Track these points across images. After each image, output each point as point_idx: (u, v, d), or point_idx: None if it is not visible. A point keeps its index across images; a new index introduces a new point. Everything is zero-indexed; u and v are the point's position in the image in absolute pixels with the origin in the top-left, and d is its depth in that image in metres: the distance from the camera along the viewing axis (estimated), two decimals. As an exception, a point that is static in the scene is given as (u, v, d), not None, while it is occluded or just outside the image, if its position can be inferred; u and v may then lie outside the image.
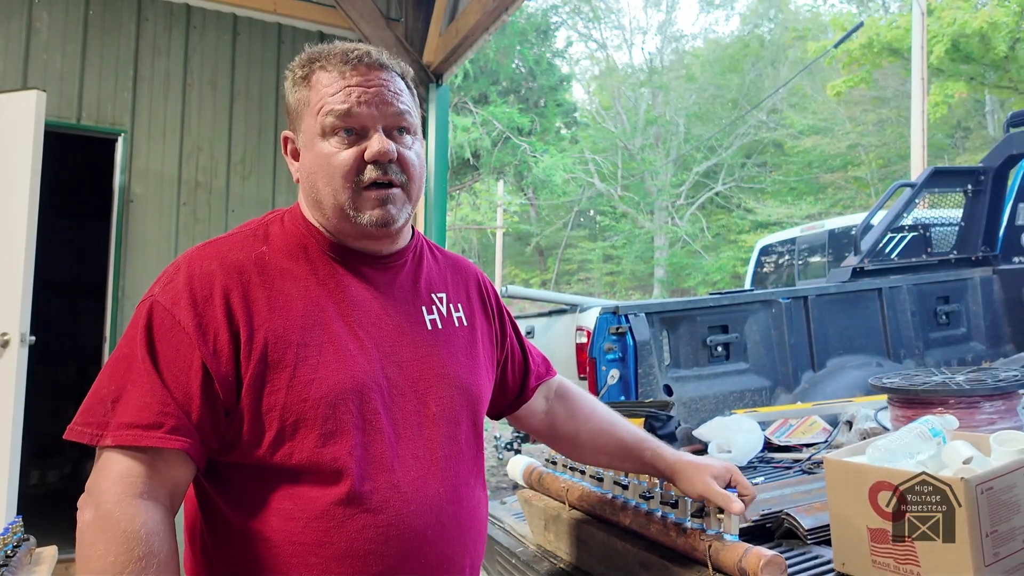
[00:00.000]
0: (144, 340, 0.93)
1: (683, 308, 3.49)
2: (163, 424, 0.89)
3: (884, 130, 20.24)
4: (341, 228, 1.04)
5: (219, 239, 1.04)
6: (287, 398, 0.94)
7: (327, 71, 1.01)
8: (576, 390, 1.38)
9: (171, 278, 0.98)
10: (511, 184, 21.45)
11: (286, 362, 0.95)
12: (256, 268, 0.99)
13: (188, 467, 0.93)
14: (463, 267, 1.26)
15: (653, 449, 1.23)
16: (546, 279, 25.57)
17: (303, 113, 1.04)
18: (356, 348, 1.00)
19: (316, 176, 1.02)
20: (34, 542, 1.70)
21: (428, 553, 0.99)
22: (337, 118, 0.99)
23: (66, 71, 3.71)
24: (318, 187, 1.02)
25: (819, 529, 1.21)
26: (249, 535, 0.95)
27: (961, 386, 1.55)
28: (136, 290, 3.76)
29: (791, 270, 8.32)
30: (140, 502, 0.87)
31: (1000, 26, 13.79)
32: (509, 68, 18.81)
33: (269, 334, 0.95)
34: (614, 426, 1.29)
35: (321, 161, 1.00)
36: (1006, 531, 0.96)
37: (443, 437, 1.05)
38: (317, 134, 1.01)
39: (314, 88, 1.02)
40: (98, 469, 0.90)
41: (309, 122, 1.02)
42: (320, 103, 1.00)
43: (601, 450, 1.29)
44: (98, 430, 0.90)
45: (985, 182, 4.33)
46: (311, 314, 0.99)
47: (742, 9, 29.05)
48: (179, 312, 0.94)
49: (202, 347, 0.92)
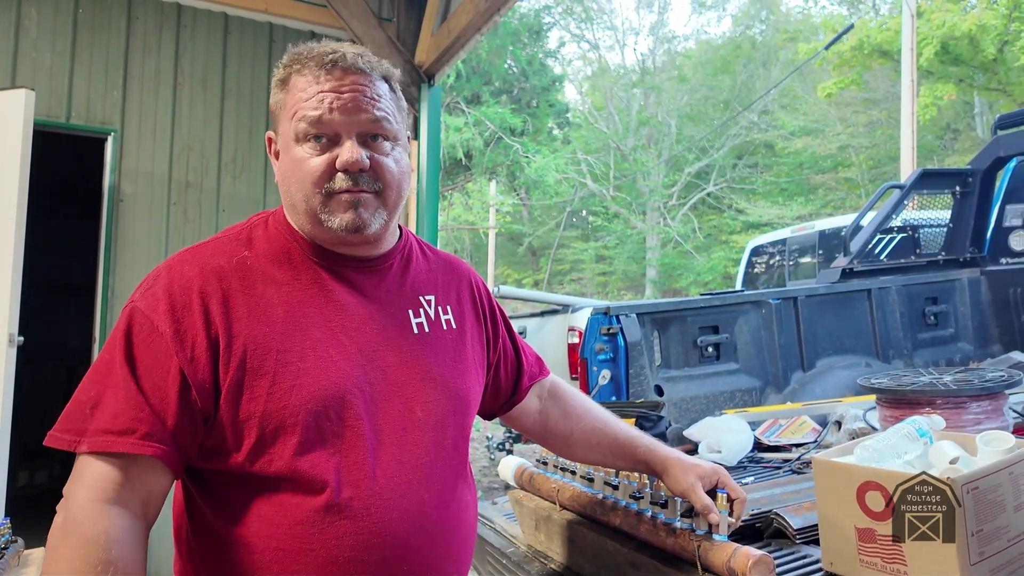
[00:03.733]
0: (123, 346, 0.92)
1: (674, 309, 3.51)
2: (136, 430, 0.89)
3: (874, 131, 20.36)
4: (316, 233, 1.03)
5: (202, 244, 1.04)
6: (267, 405, 0.93)
7: (303, 75, 1.00)
8: (569, 389, 1.38)
9: (151, 284, 0.97)
10: (503, 184, 21.45)
11: (265, 369, 0.94)
12: (237, 273, 0.99)
13: (163, 474, 0.92)
14: (455, 267, 1.24)
15: (647, 446, 1.24)
16: (538, 279, 25.57)
17: (280, 116, 1.04)
18: (338, 353, 0.99)
19: (290, 180, 1.02)
20: (22, 544, 1.69)
21: (411, 560, 0.98)
22: (309, 124, 0.98)
23: (55, 69, 3.68)
24: (292, 191, 1.02)
25: (808, 529, 1.22)
26: (231, 540, 0.95)
27: (948, 386, 1.57)
28: (126, 291, 3.74)
29: (782, 271, 8.36)
30: (106, 507, 0.87)
31: (989, 29, 13.91)
32: (501, 68, 18.79)
33: (248, 341, 0.95)
34: (608, 424, 1.30)
35: (294, 166, 1.00)
36: (991, 530, 0.97)
37: (428, 442, 1.04)
38: (291, 139, 1.01)
39: (290, 92, 1.01)
40: (73, 475, 0.90)
41: (285, 126, 1.02)
42: (294, 108, 1.00)
43: (595, 448, 1.30)
44: (76, 436, 0.89)
45: (973, 184, 4.37)
46: (292, 319, 0.98)
47: (734, 11, 29.19)
48: (157, 318, 0.93)
49: (180, 354, 0.92)
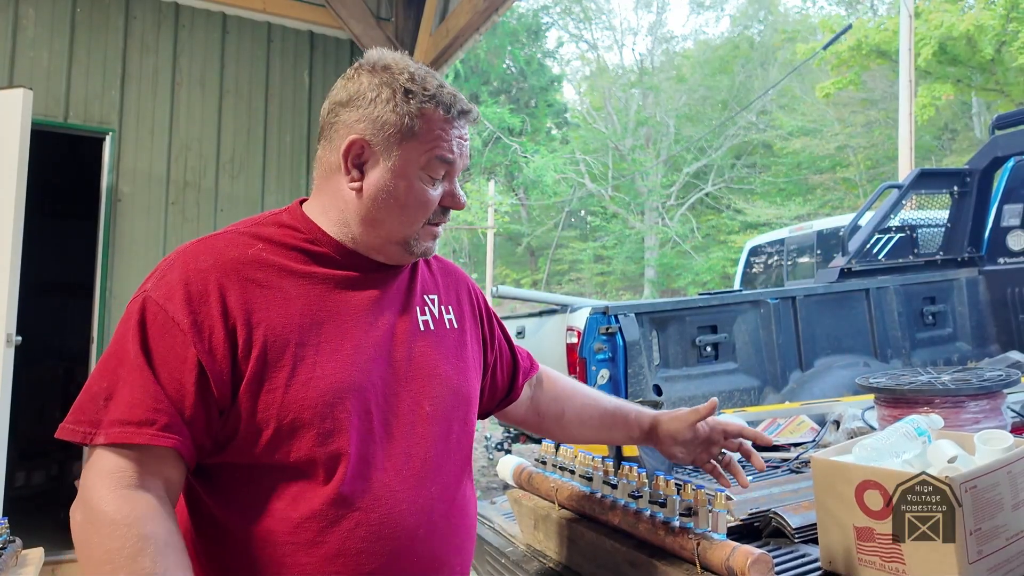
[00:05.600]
0: (137, 336, 0.92)
1: (673, 308, 3.51)
2: (155, 421, 0.88)
3: (872, 132, 20.40)
4: (385, 249, 1.06)
5: (214, 236, 1.03)
6: (284, 397, 0.94)
7: (439, 112, 1.02)
8: (555, 374, 1.43)
9: (164, 274, 0.97)
10: (502, 184, 21.48)
11: (284, 361, 0.95)
12: (253, 266, 0.99)
13: (179, 466, 0.92)
14: (453, 272, 1.27)
15: (637, 410, 1.34)
16: (537, 279, 25.58)
17: (406, 139, 1.01)
18: (351, 348, 1.00)
19: (392, 203, 1.02)
20: (20, 544, 1.68)
21: (420, 552, 0.99)
22: (443, 164, 1.03)
23: (53, 69, 3.68)
24: (393, 213, 1.02)
25: (806, 528, 1.22)
26: (240, 535, 0.95)
27: (947, 386, 1.57)
28: (123, 290, 3.74)
29: (780, 271, 8.37)
30: (129, 492, 0.86)
31: (986, 29, 13.95)
32: (500, 68, 18.82)
33: (268, 333, 0.95)
34: (598, 400, 1.38)
35: (411, 195, 1.02)
36: (989, 529, 0.97)
37: (435, 437, 1.05)
38: (418, 167, 1.02)
39: (427, 122, 1.02)
40: (89, 467, 0.89)
41: (413, 153, 1.01)
42: (433, 143, 1.02)
43: (587, 423, 1.36)
44: (90, 428, 0.88)
45: (971, 184, 4.37)
46: (308, 313, 0.99)
47: (732, 11, 29.25)
48: (173, 308, 0.92)
49: (197, 344, 0.91)
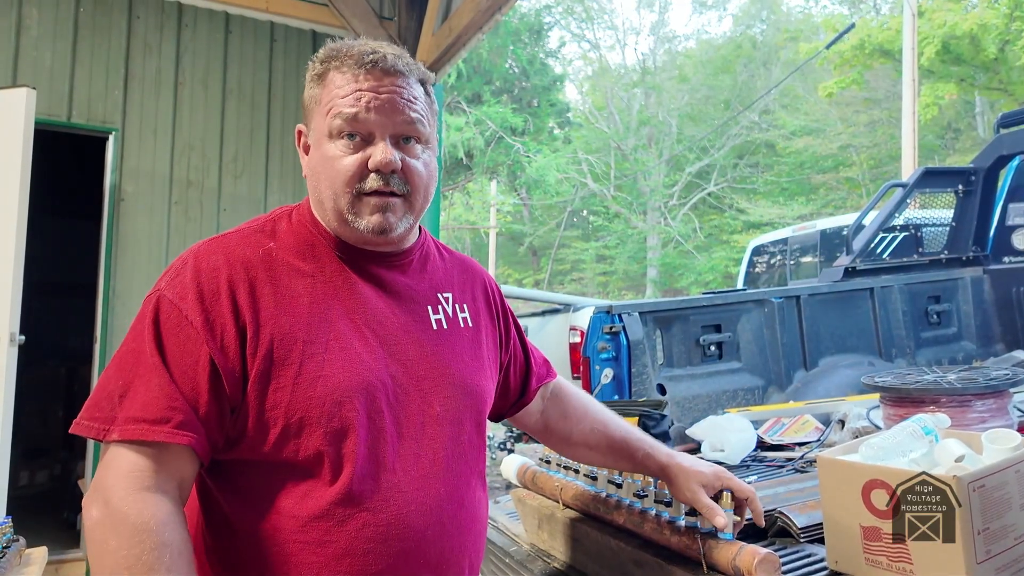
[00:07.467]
0: (152, 334, 0.93)
1: (676, 307, 3.50)
2: (171, 419, 0.89)
3: (875, 131, 20.36)
4: (341, 231, 1.04)
5: (226, 235, 1.04)
6: (292, 395, 0.94)
7: (341, 72, 1.01)
8: (571, 389, 1.39)
9: (178, 272, 0.97)
10: (504, 184, 21.47)
11: (291, 359, 0.95)
12: (263, 264, 1.00)
13: (194, 462, 0.93)
14: (470, 268, 1.26)
15: (645, 450, 1.24)
16: (539, 279, 25.56)
17: (314, 111, 1.04)
18: (362, 347, 1.00)
19: (319, 176, 1.02)
20: (24, 543, 1.69)
21: (428, 552, 0.99)
22: (344, 121, 0.99)
23: (56, 69, 3.68)
24: (320, 187, 1.02)
25: (812, 527, 1.22)
26: (249, 533, 0.95)
27: (953, 385, 1.56)
28: (127, 290, 3.74)
29: (783, 270, 8.35)
30: (148, 495, 0.87)
31: (990, 28, 13.91)
32: (502, 68, 18.82)
33: (275, 331, 0.95)
34: (607, 426, 1.30)
35: (325, 163, 1.01)
36: (998, 528, 0.96)
37: (446, 437, 1.04)
38: (324, 135, 1.01)
39: (326, 87, 1.02)
40: (104, 464, 0.90)
41: (318, 121, 1.03)
42: (330, 104, 1.00)
43: (594, 449, 1.30)
44: (105, 425, 0.89)
45: (976, 183, 4.36)
46: (317, 311, 0.99)
47: (734, 10, 29.16)
48: (186, 307, 0.93)
49: (210, 342, 0.92)
